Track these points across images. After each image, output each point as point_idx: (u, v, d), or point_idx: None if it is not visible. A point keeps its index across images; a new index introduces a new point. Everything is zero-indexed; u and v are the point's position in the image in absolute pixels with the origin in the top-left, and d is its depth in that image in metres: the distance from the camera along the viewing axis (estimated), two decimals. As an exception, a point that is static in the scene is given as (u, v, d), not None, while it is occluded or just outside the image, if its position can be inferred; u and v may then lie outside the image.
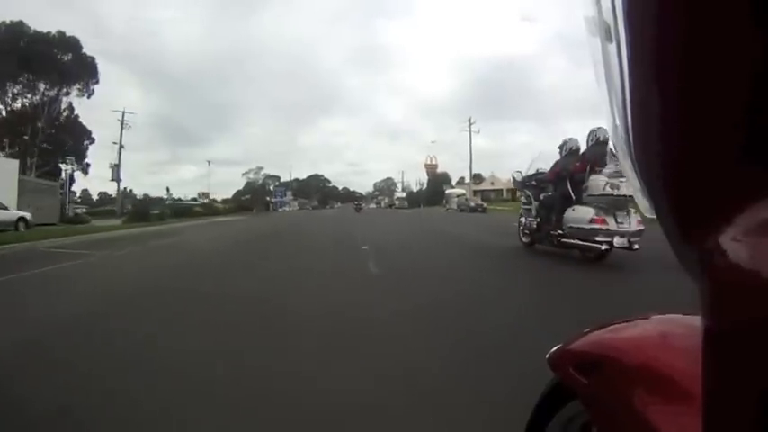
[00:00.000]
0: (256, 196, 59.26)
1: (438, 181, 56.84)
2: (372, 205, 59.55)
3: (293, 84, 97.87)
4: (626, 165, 0.40)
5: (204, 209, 29.98)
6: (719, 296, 0.31)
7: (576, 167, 4.81)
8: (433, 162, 55.46)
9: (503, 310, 2.35)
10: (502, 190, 45.58)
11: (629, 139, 0.38)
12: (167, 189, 45.90)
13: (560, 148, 5.25)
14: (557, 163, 5.16)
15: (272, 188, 65.07)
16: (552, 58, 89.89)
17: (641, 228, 4.14)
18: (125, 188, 48.91)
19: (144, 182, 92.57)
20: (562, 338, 0.65)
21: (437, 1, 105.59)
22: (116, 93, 64.37)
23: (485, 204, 29.69)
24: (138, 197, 43.10)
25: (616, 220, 4.04)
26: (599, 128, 4.67)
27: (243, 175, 64.43)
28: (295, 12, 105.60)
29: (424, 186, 66.23)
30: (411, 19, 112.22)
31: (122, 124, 26.64)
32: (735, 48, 0.28)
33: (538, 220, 5.20)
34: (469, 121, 38.65)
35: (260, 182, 62.29)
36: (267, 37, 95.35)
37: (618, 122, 0.40)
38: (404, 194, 61.05)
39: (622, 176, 3.74)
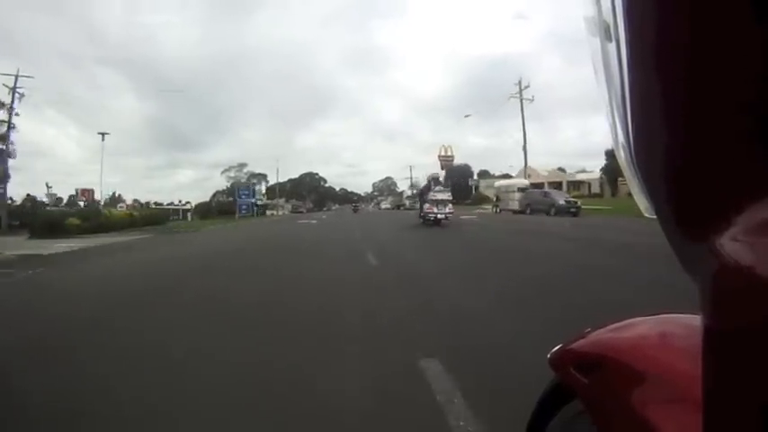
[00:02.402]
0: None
1: (458, 175, 48.63)
2: (384, 205, 53.06)
3: (289, 86, 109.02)
4: (626, 164, 0.45)
5: (82, 219, 18.79)
6: (720, 295, 0.34)
7: (425, 188, 14.76)
8: (448, 153, 46.92)
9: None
10: (543, 184, 38.27)
11: (628, 139, 0.42)
12: (47, 185, 37.58)
13: (427, 179, 15.97)
14: (423, 186, 16.08)
15: (257, 188, 57.62)
16: (546, 56, 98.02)
17: (452, 211, 13.53)
18: (113, 192, 48.40)
19: (142, 186, 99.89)
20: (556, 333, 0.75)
21: (431, 1, 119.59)
22: (112, 96, 71.04)
23: (578, 202, 19.77)
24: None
25: (437, 208, 12.88)
26: (435, 172, 23.98)
27: (222, 173, 59.57)
28: (290, 14, 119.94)
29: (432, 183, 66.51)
30: (405, 19, 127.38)
31: (14, 93, 22.24)
32: (735, 46, 0.31)
33: (420, 211, 14.15)
34: (520, 84, 30.69)
35: (243, 180, 57.02)
36: (261, 40, 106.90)
37: (617, 122, 0.45)
38: (415, 192, 59.31)
39: (439, 193, 13.21)
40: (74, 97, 71.96)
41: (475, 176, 55.02)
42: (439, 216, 12.92)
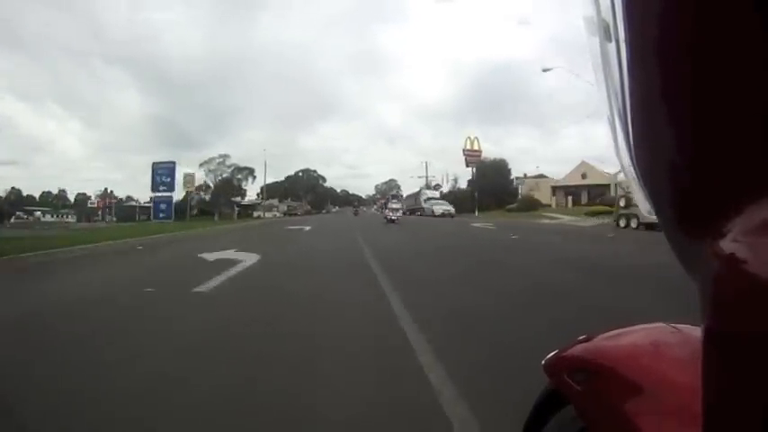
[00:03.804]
0: (220, 195, 47.47)
1: (494, 172, 42.45)
2: (397, 210, 47.05)
3: (292, 88, 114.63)
4: (626, 165, 0.48)
5: None
6: (720, 297, 0.35)
7: (386, 200, 51.44)
8: (475, 147, 42.21)
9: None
10: (607, 186, 29.48)
11: (629, 139, 0.45)
12: None
13: (388, 196, 58.87)
14: (385, 200, 55.28)
15: (243, 185, 51.50)
16: (549, 63, 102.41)
17: (400, 215, 27.05)
18: (106, 189, 48.08)
19: (143, 183, 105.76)
20: (557, 345, 0.79)
21: (434, 6, 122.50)
22: (116, 93, 76.71)
23: None
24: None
25: (392, 213, 24.87)
26: (394, 192, 67.34)
27: (201, 166, 49.45)
28: (294, 17, 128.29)
29: (457, 182, 52.55)
30: (408, 24, 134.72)
31: None
32: (736, 46, 0.33)
33: (383, 213, 30.74)
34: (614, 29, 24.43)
35: (223, 175, 50.39)
36: (265, 42, 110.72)
37: (618, 122, 0.48)
38: (436, 193, 46.64)
39: (394, 204, 34.35)
40: (76, 93, 78.86)
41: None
42: (393, 218, 23.50)
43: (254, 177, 51.74)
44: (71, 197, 63.13)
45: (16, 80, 76.76)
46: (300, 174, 77.02)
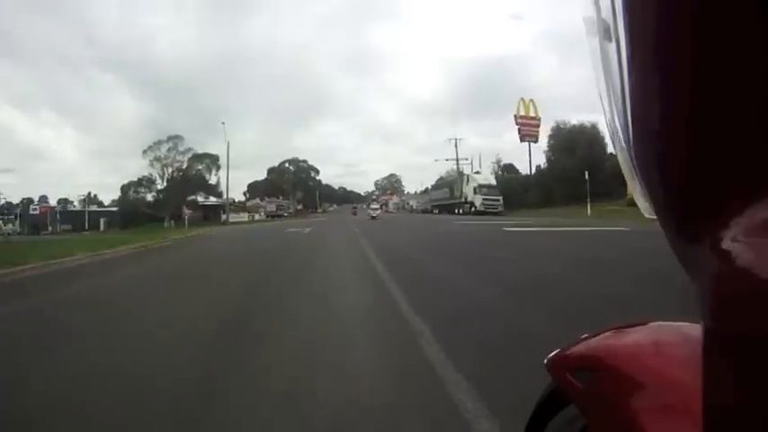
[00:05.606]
0: (175, 191, 39.92)
1: (583, 142, 29.17)
2: (376, 209, 39.57)
3: (287, 88, 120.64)
4: (625, 165, 0.51)
5: None
6: (720, 296, 0.38)
7: (369, 201, 68.48)
8: (531, 113, 34.10)
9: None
10: None
11: (628, 140, 0.48)
12: None
13: (372, 199, 76.63)
14: (370, 201, 74.48)
15: (207, 178, 43.99)
16: (542, 56, 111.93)
17: (379, 213, 40.79)
18: (89, 192, 46.28)
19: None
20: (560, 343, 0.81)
21: (426, 2, 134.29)
22: (110, 98, 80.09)
23: None
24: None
25: (373, 211, 38.94)
26: (379, 198, 76.39)
27: (144, 153, 43.05)
28: (287, 16, 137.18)
29: (495, 167, 43.97)
30: (400, 22, 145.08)
31: None
32: (735, 46, 0.35)
33: (368, 210, 47.85)
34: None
35: (177, 165, 42.89)
36: (259, 42, 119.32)
37: (617, 122, 0.51)
38: (491, 177, 36.84)
39: (373, 204, 55.74)
40: (70, 99, 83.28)
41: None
42: (374, 215, 31.81)
43: (218, 167, 43.19)
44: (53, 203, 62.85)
45: (11, 87, 79.80)
46: (288, 165, 63.31)
